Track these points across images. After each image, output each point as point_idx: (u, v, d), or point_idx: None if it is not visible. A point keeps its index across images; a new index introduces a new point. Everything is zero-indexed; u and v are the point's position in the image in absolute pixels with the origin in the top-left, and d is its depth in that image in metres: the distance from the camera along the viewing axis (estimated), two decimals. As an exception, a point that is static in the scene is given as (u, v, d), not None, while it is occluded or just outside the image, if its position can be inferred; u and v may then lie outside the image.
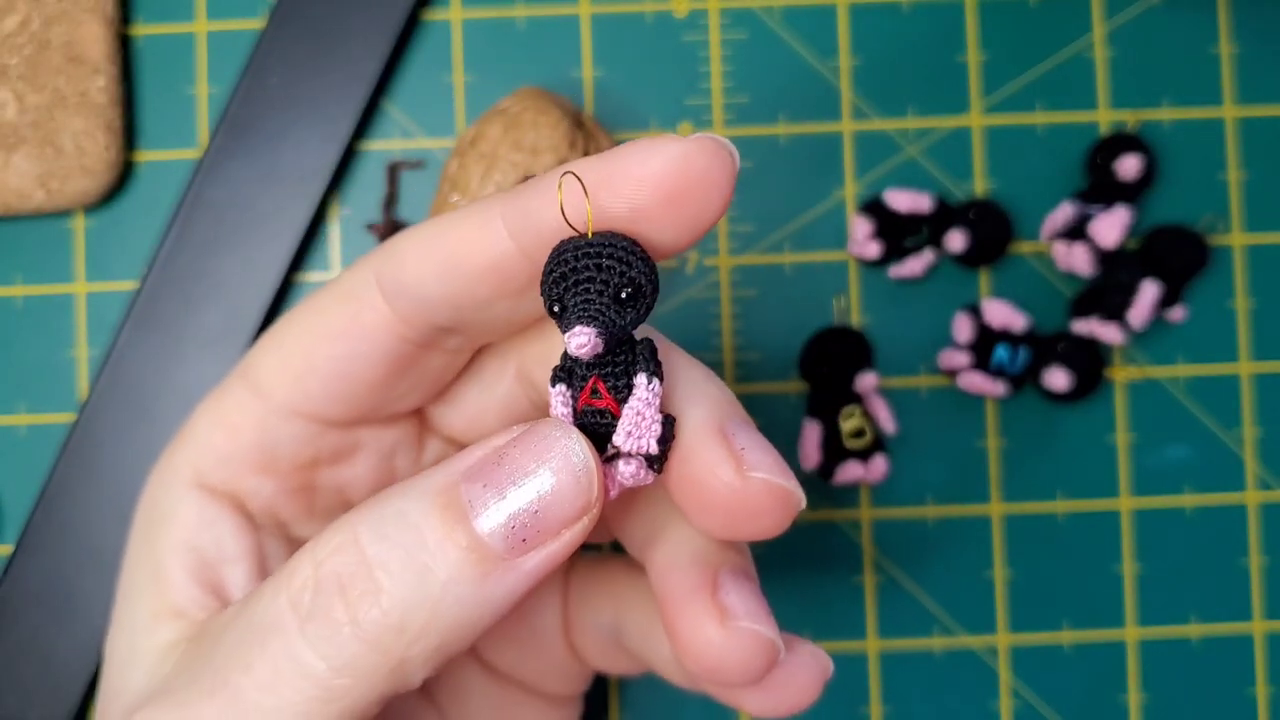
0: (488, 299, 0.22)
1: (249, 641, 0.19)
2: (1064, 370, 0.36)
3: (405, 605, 0.19)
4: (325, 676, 0.19)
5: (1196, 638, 0.37)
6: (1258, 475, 0.37)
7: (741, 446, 0.20)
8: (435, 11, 0.38)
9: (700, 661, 0.21)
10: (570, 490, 0.19)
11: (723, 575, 0.22)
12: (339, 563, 0.19)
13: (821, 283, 0.37)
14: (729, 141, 0.20)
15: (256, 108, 0.36)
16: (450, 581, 0.19)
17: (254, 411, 0.24)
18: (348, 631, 0.19)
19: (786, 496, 0.20)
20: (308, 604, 0.19)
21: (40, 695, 0.35)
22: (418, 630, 0.19)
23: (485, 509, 0.19)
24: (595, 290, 0.19)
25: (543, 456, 0.19)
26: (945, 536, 0.37)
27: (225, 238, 0.36)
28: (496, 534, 0.19)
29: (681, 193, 0.19)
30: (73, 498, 0.35)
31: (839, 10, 0.38)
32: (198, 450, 0.24)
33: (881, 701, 0.37)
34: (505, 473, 0.19)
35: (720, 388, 0.22)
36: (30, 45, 0.36)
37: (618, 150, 0.20)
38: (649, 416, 0.20)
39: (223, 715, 0.19)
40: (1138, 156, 0.36)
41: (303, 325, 0.24)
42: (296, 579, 0.20)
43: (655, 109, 0.37)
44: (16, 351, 0.37)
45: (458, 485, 0.19)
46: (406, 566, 0.19)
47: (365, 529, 0.19)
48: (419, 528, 0.19)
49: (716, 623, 0.21)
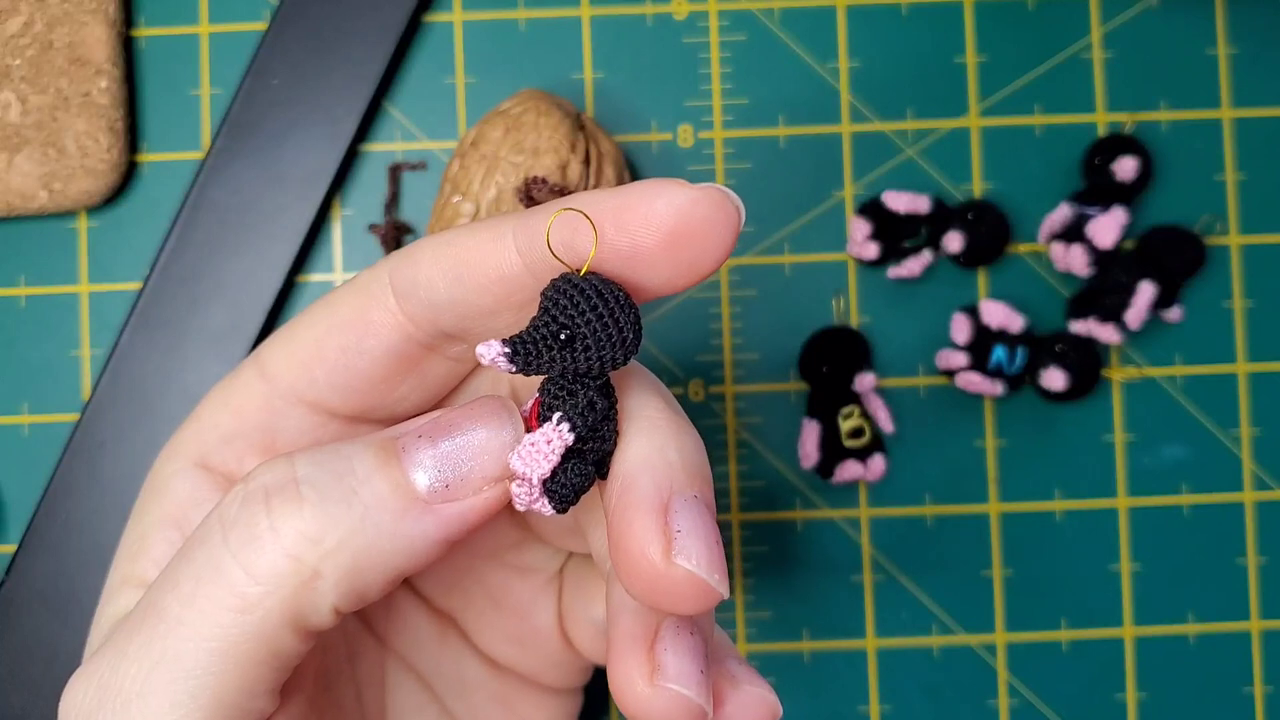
0: (492, 309, 0.22)
1: (178, 561, 0.20)
2: (1061, 370, 0.36)
3: (324, 518, 0.20)
4: (241, 582, 0.20)
5: (1194, 636, 0.37)
6: (1255, 475, 0.38)
7: (678, 529, 0.20)
8: (437, 13, 0.38)
9: (628, 710, 0.21)
10: (495, 450, 0.21)
11: (665, 628, 0.22)
12: (269, 478, 0.21)
13: (821, 283, 0.38)
14: (735, 195, 0.20)
15: (259, 109, 0.36)
16: (370, 508, 0.20)
17: (260, 394, 0.24)
18: (267, 537, 0.20)
19: (707, 591, 0.20)
20: (234, 514, 0.20)
21: (44, 693, 0.35)
22: (333, 544, 0.20)
23: (416, 453, 0.21)
24: (543, 321, 0.20)
25: (476, 419, 0.21)
26: (944, 535, 0.37)
27: (228, 239, 0.36)
28: (420, 478, 0.21)
29: (682, 238, 0.20)
30: (76, 497, 0.36)
31: (838, 12, 0.38)
32: (202, 429, 0.25)
33: (880, 700, 0.37)
34: (440, 427, 0.21)
35: (686, 450, 0.22)
36: (33, 47, 0.36)
37: (626, 187, 0.20)
38: (544, 452, 0.20)
39: (148, 638, 0.20)
40: (1135, 158, 0.37)
41: (315, 316, 0.24)
42: (229, 495, 0.21)
43: (655, 111, 0.38)
44: (20, 351, 0.37)
45: (396, 437, 0.21)
46: (332, 486, 0.20)
47: (301, 456, 0.21)
48: (351, 459, 0.21)
49: (645, 679, 0.21)
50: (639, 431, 0.21)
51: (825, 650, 0.37)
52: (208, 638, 0.20)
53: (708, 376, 0.38)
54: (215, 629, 0.20)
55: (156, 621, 0.20)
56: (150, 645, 0.20)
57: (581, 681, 0.30)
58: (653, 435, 0.21)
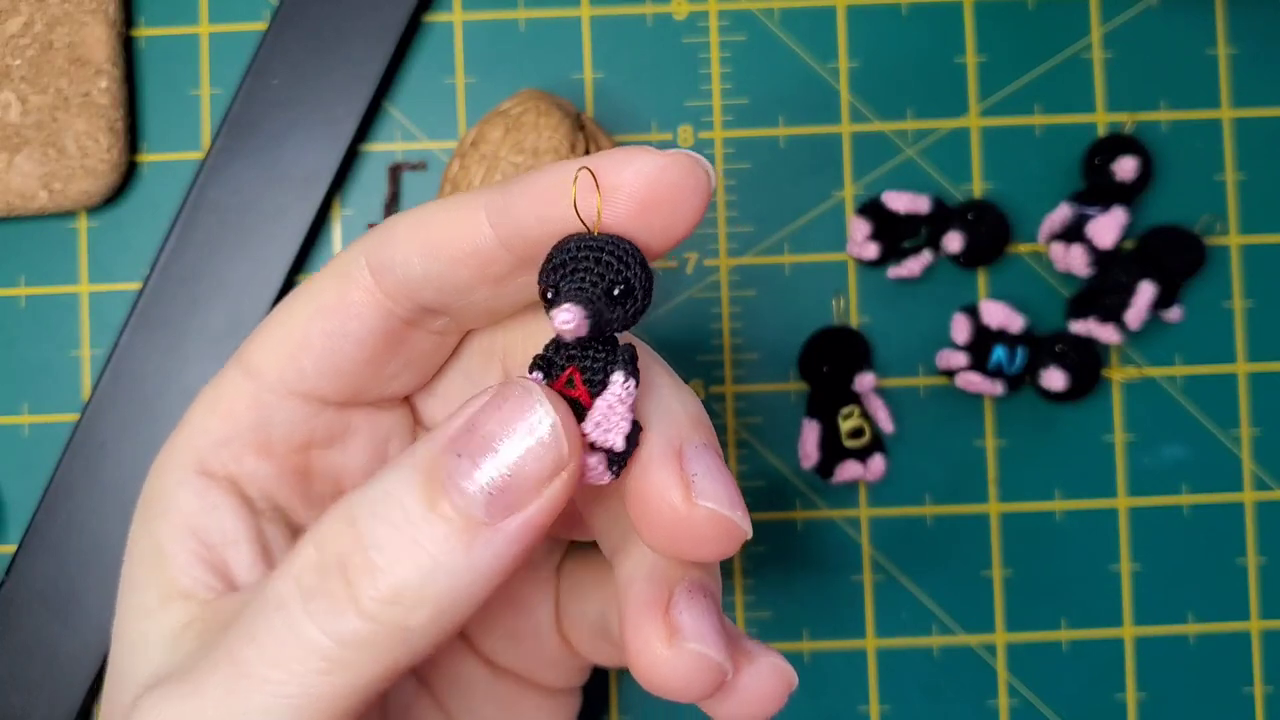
0: (468, 284, 0.22)
1: (256, 620, 0.20)
2: (1061, 370, 0.36)
3: (399, 580, 0.19)
4: (329, 649, 0.19)
5: (1194, 636, 0.37)
6: (1255, 475, 0.38)
7: (694, 473, 0.20)
8: (437, 13, 0.38)
9: (646, 676, 0.21)
10: (540, 450, 0.19)
11: (678, 592, 0.22)
12: (338, 543, 0.20)
13: (820, 283, 0.38)
14: (705, 159, 0.20)
15: (259, 109, 0.36)
16: (439, 554, 0.19)
17: (249, 392, 0.24)
18: (348, 608, 0.19)
19: (731, 529, 0.20)
20: (310, 583, 0.20)
21: (44, 694, 0.35)
22: (413, 601, 0.19)
23: (463, 478, 0.20)
24: (590, 281, 0.20)
25: (511, 420, 0.20)
26: (943, 535, 0.37)
27: (228, 238, 0.36)
28: (476, 500, 0.19)
29: (652, 204, 0.20)
30: (76, 497, 0.36)
31: (838, 12, 0.38)
32: (195, 436, 0.25)
33: (880, 700, 0.37)
34: (478, 440, 0.20)
35: (687, 404, 0.22)
36: (33, 47, 0.36)
37: (594, 156, 0.20)
38: (619, 413, 0.20)
39: (228, 687, 0.20)
40: (1135, 158, 0.37)
41: (295, 306, 0.24)
42: (299, 560, 0.20)
43: (655, 111, 0.38)
44: (20, 352, 0.37)
45: (437, 458, 0.20)
46: (397, 542, 0.20)
47: (359, 509, 0.20)
48: (404, 503, 0.20)
49: (664, 641, 0.21)
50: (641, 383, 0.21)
51: (825, 650, 0.37)
52: (296, 695, 0.20)
53: (708, 376, 0.38)
54: (302, 688, 0.20)
55: (238, 675, 0.20)
56: (233, 695, 0.20)
57: (579, 681, 0.30)
58: (654, 390, 0.22)
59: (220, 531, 0.24)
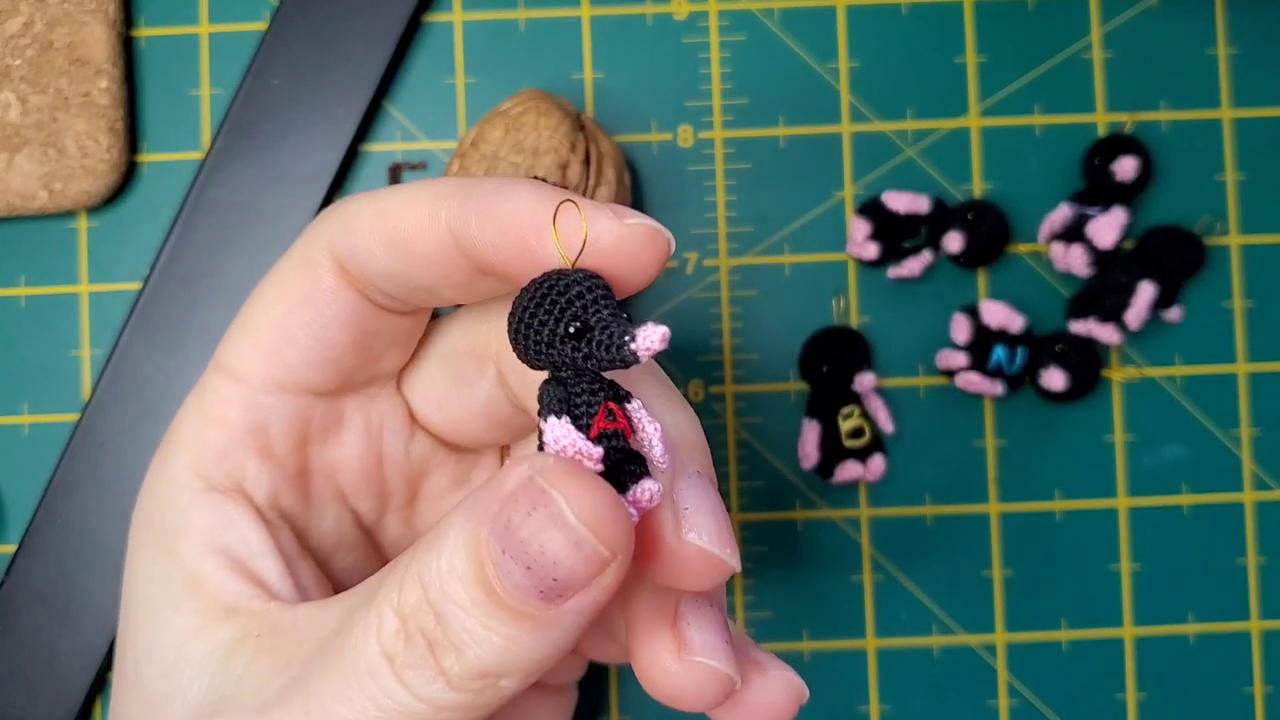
0: (432, 283, 0.22)
1: (346, 678, 0.20)
2: (1061, 370, 0.36)
3: (482, 660, 0.19)
4: (429, 714, 0.20)
5: (1194, 636, 0.37)
6: (1255, 475, 0.38)
7: (686, 506, 0.20)
8: (437, 13, 0.38)
9: (656, 689, 0.21)
10: (578, 558, 0.19)
11: (684, 605, 0.22)
12: (420, 620, 0.20)
13: (821, 283, 0.38)
14: (666, 230, 0.20)
15: (259, 109, 0.36)
16: (510, 638, 0.19)
17: (239, 397, 0.24)
18: (440, 681, 0.20)
19: (718, 565, 0.20)
20: (401, 655, 0.20)
21: (44, 694, 0.35)
22: (499, 674, 0.20)
23: (509, 577, 0.19)
24: (611, 310, 0.19)
25: (546, 526, 0.19)
26: (943, 535, 0.37)
27: (228, 239, 0.36)
28: (529, 599, 0.19)
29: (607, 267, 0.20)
30: (76, 497, 0.36)
31: (838, 12, 0.38)
32: (192, 451, 0.24)
33: (880, 700, 0.37)
34: (515, 544, 0.19)
35: (682, 429, 0.22)
36: (33, 47, 0.36)
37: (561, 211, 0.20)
38: (652, 431, 0.20)
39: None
40: (1135, 158, 0.37)
41: (266, 301, 0.24)
42: (386, 629, 0.20)
43: (655, 111, 0.38)
44: (20, 352, 0.37)
45: (485, 545, 0.19)
46: (471, 628, 0.19)
47: (431, 588, 0.20)
48: (466, 589, 0.19)
49: (673, 654, 0.21)
50: None
51: (825, 650, 0.37)
52: None
53: (708, 376, 0.38)
54: None
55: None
56: None
57: (577, 677, 0.30)
58: (651, 412, 0.21)
59: (245, 545, 0.24)
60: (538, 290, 0.20)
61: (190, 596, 0.23)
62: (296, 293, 0.23)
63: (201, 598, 0.23)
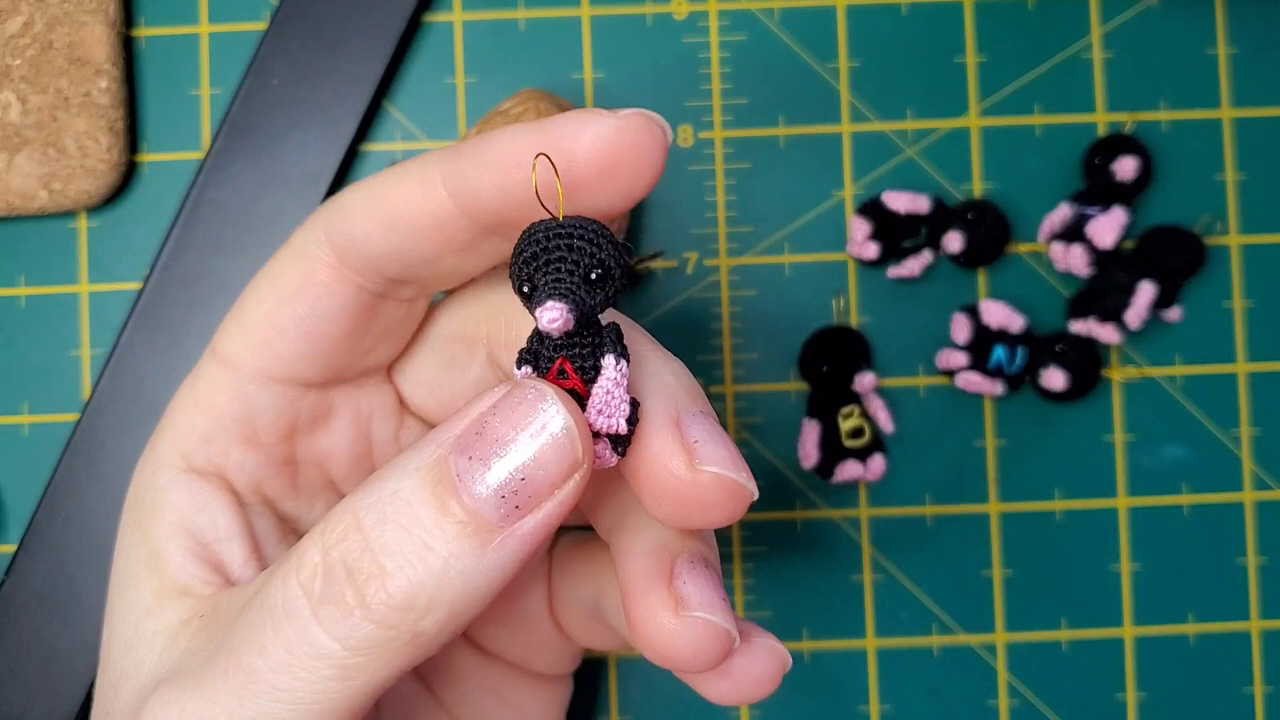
0: (433, 254, 0.22)
1: (263, 625, 0.20)
2: (1061, 370, 0.36)
3: (410, 585, 0.19)
4: (340, 656, 0.19)
5: (1194, 636, 0.37)
6: (1255, 474, 0.38)
7: (695, 439, 0.20)
8: (437, 13, 0.38)
9: (655, 648, 0.21)
10: (554, 453, 0.19)
11: (680, 563, 0.22)
12: (345, 548, 0.20)
13: (821, 283, 0.38)
14: (660, 116, 0.20)
15: (259, 109, 0.36)
16: (451, 557, 0.19)
17: (229, 385, 0.24)
18: (358, 614, 0.19)
19: (738, 490, 0.20)
20: (319, 590, 0.19)
21: (43, 693, 0.35)
22: (425, 606, 0.19)
23: (474, 481, 0.19)
24: (566, 270, 0.19)
25: (522, 423, 0.19)
26: (943, 535, 0.37)
27: (228, 239, 0.36)
28: (488, 504, 0.19)
29: (612, 169, 0.20)
30: (76, 497, 0.36)
31: (838, 12, 0.38)
32: (179, 434, 0.25)
33: (880, 699, 0.37)
34: (488, 443, 0.19)
35: (678, 375, 0.22)
36: (33, 47, 0.36)
37: (550, 122, 0.20)
38: (618, 396, 0.20)
39: (238, 694, 0.20)
40: (1135, 158, 0.37)
41: (261, 293, 0.24)
42: (306, 565, 0.20)
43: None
44: (20, 351, 0.37)
45: (446, 459, 0.19)
46: (407, 547, 0.19)
47: (366, 513, 0.20)
48: (414, 506, 0.19)
49: (670, 611, 0.21)
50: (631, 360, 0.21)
51: (825, 650, 0.37)
52: (307, 701, 0.19)
53: (708, 376, 0.38)
54: (313, 694, 0.19)
55: (247, 681, 0.20)
56: (243, 702, 0.20)
57: (571, 668, 0.30)
58: (643, 364, 0.22)
59: (213, 528, 0.24)
60: (516, 245, 0.20)
61: (149, 575, 0.24)
62: (290, 285, 0.24)
63: (160, 576, 0.23)
